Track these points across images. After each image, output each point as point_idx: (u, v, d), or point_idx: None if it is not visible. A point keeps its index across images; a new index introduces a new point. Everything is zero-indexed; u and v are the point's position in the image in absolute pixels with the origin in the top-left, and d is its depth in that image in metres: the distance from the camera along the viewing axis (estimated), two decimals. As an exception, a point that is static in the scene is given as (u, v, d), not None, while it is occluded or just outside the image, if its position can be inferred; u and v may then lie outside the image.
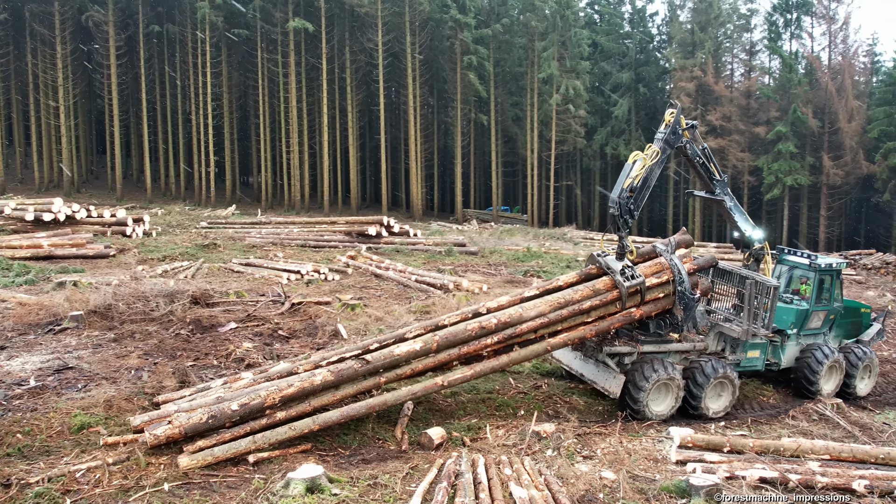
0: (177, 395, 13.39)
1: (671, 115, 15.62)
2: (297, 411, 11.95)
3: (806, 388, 17.73)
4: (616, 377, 15.04)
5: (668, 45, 69.45)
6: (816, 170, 59.14)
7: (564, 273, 32.80)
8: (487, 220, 64.34)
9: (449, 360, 13.34)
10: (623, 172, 14.83)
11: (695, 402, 15.61)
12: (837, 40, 60.29)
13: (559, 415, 15.21)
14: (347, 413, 12.32)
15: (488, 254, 37.44)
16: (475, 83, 62.58)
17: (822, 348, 17.67)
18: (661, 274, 15.28)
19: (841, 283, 18.37)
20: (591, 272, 15.27)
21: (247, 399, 11.57)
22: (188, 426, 11.08)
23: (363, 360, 12.62)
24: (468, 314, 13.95)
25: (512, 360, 14.03)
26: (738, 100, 62.88)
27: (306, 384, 12.11)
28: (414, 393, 13.08)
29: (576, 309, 14.28)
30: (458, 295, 24.58)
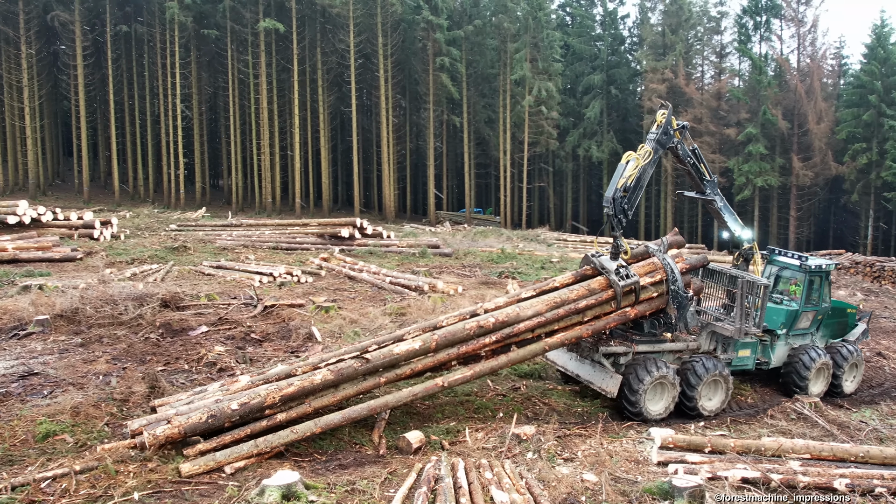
0: (173, 398, 13.23)
1: (663, 115, 15.72)
2: (298, 412, 11.93)
3: (796, 389, 17.83)
4: (613, 377, 15.04)
5: (640, 47, 69.84)
6: (786, 171, 59.68)
7: (539, 274, 32.96)
8: (460, 221, 64.20)
9: (448, 359, 13.38)
10: (617, 172, 14.88)
11: (690, 401, 15.66)
12: (806, 43, 61.02)
13: (539, 416, 15.01)
14: (349, 415, 12.28)
15: (462, 255, 37.23)
16: (448, 84, 62.44)
17: (811, 350, 17.81)
18: (655, 274, 15.37)
19: (829, 283, 18.53)
20: (586, 272, 15.33)
21: (246, 398, 11.52)
22: (187, 426, 10.95)
23: (363, 359, 12.60)
24: (466, 314, 14.03)
25: (510, 360, 14.06)
26: (708, 101, 63.31)
27: (306, 383, 12.05)
28: (415, 394, 13.06)
29: (572, 308, 14.35)
30: (433, 296, 24.33)
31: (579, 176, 74.73)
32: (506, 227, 62.89)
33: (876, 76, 56.07)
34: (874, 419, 17.09)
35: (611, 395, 15.03)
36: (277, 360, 17.18)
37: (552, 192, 74.33)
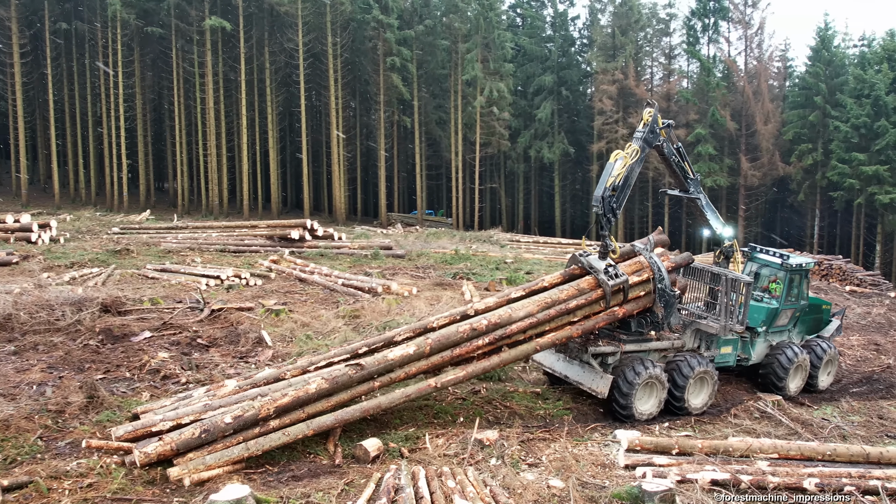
0: (157, 404, 12.94)
1: (649, 114, 15.74)
2: (292, 419, 11.80)
3: (774, 387, 18.04)
4: (603, 377, 14.96)
5: (590, 49, 70.02)
6: (734, 171, 60.34)
7: (494, 275, 32.53)
8: (412, 223, 63.61)
9: (442, 362, 13.30)
10: (605, 171, 14.85)
11: (678, 399, 15.69)
12: (753, 45, 61.75)
13: (500, 420, 14.52)
14: (342, 417, 12.21)
15: (415, 257, 36.65)
16: (398, 85, 61.79)
17: (790, 348, 18.06)
18: (641, 272, 15.39)
19: (808, 281, 18.88)
20: (574, 272, 15.33)
21: (240, 411, 11.32)
22: (180, 442, 10.70)
23: (357, 366, 12.42)
24: (457, 315, 14.03)
25: (503, 361, 14.05)
26: (658, 102, 63.44)
27: (301, 393, 11.91)
28: (408, 395, 12.96)
29: (562, 308, 14.36)
30: (387, 298, 23.73)
31: (531, 177, 74.64)
32: (458, 228, 62.44)
33: (821, 78, 56.98)
34: (835, 416, 17.08)
35: (601, 395, 14.92)
36: (226, 365, 16.40)
37: (504, 193, 74.13)
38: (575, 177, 76.09)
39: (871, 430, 16.43)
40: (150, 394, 14.21)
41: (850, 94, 54.87)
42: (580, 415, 15.54)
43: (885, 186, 51.68)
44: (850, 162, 53.14)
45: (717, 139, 60.30)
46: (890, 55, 54.20)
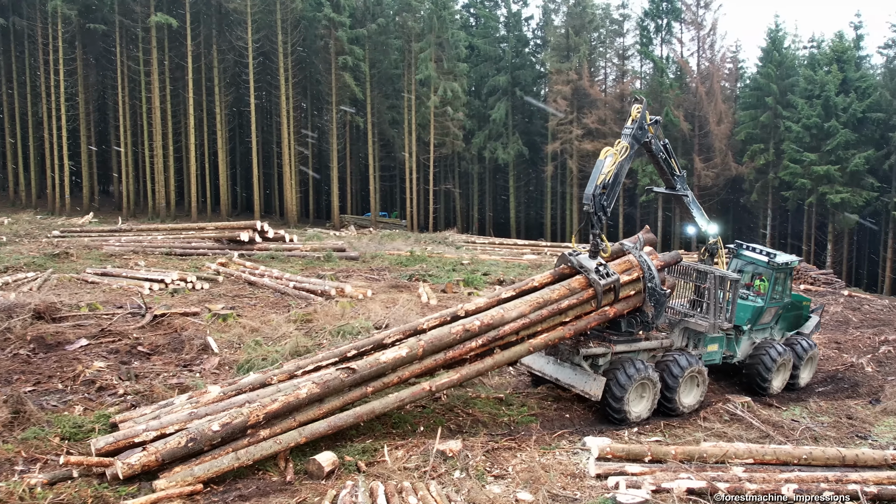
0: (136, 412, 12.43)
1: (637, 111, 15.57)
2: (283, 427, 11.36)
3: (759, 386, 18.04)
4: (596, 379, 14.73)
5: (544, 49, 69.73)
6: (688, 171, 60.45)
7: (451, 276, 31.77)
8: (365, 225, 62.56)
9: (435, 365, 12.97)
10: (595, 169, 14.57)
11: (670, 400, 15.53)
12: (706, 45, 61.94)
13: (463, 429, 13.73)
14: (335, 424, 11.76)
15: (370, 258, 35.75)
16: (351, 84, 60.68)
17: (773, 347, 18.01)
18: (631, 271, 15.20)
19: (792, 279, 19.17)
20: (564, 272, 15.06)
21: (228, 418, 10.83)
22: (166, 452, 10.20)
23: (349, 370, 11.98)
24: (447, 317, 13.72)
25: (496, 363, 13.75)
26: (612, 103, 63.62)
27: (291, 398, 11.45)
28: (402, 400, 12.56)
29: (554, 309, 14.07)
30: (341, 301, 22.81)
31: (485, 178, 74.10)
32: (412, 230, 61.57)
33: (772, 79, 57.35)
34: (805, 417, 16.74)
35: (595, 397, 14.68)
36: (169, 375, 15.33)
37: (458, 194, 73.44)
38: (529, 178, 75.81)
39: (842, 431, 16.07)
40: (84, 407, 13.11)
41: (800, 94, 55.30)
42: (546, 421, 14.84)
43: (836, 186, 52.11)
44: (801, 162, 53.51)
45: (670, 139, 59.98)
46: (839, 56, 54.71)
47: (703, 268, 17.12)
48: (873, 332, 27.66)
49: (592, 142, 61.48)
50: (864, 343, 25.73)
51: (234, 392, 12.46)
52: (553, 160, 66.74)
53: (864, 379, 20.87)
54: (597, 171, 14.48)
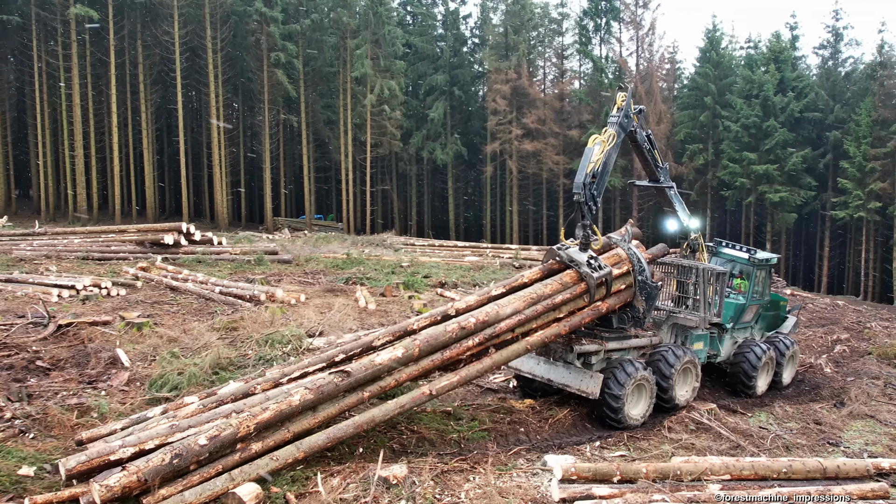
0: (105, 428, 11.17)
1: (622, 98, 15.09)
2: (276, 440, 10.39)
3: (744, 386, 17.72)
4: (593, 377, 14.16)
5: (482, 48, 68.65)
6: (628, 172, 60.01)
7: (389, 279, 30.14)
8: (300, 228, 60.47)
9: (432, 367, 12.21)
10: (584, 157, 14.03)
11: (666, 394, 15.11)
12: (644, 45, 61.69)
13: (408, 450, 12.16)
14: (334, 435, 10.88)
15: (304, 262, 33.90)
16: (284, 82, 58.53)
17: (757, 346, 17.73)
18: (621, 265, 14.80)
19: (771, 276, 19.21)
20: (553, 267, 14.52)
21: (216, 430, 9.83)
22: (148, 471, 9.06)
23: (343, 373, 11.14)
24: (437, 317, 13.00)
25: (494, 363, 13.01)
26: (552, 103, 62.87)
27: (283, 406, 10.50)
28: (402, 406, 11.72)
29: (549, 304, 13.50)
30: (271, 307, 20.99)
31: (424, 179, 72.62)
32: (349, 232, 59.71)
33: (710, 78, 57.33)
34: (772, 424, 15.79)
35: (593, 395, 14.08)
36: (68, 393, 13.36)
37: (396, 196, 71.80)
38: (469, 179, 74.61)
39: (812, 438, 15.12)
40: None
41: (739, 94, 55.32)
42: (500, 436, 13.38)
43: (775, 185, 52.23)
44: (740, 161, 53.50)
45: (609, 139, 59.70)
46: (776, 56, 54.94)
47: (686, 263, 16.70)
48: (825, 332, 27.14)
49: (532, 142, 60.61)
50: (818, 343, 25.16)
51: (214, 403, 11.50)
52: (492, 161, 65.67)
53: (824, 380, 20.15)
54: (586, 159, 13.88)
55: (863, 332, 27.80)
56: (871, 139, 49.52)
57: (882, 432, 15.86)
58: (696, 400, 16.35)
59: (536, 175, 64.59)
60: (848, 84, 57.79)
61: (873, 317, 34.14)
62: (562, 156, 61.09)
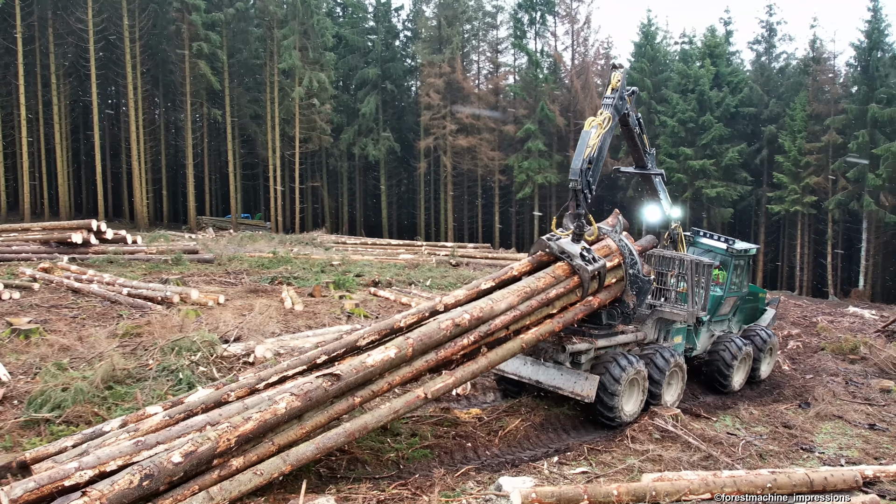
0: (54, 446, 9.47)
1: (618, 79, 14.30)
2: (259, 453, 9.08)
3: (720, 382, 17.14)
4: (588, 378, 13.36)
5: (415, 42, 66.89)
6: (564, 168, 59.05)
7: (319, 278, 28.10)
8: (226, 228, 57.62)
9: (426, 368, 11.19)
10: (581, 141, 13.26)
11: (655, 396, 14.40)
12: (580, 39, 60.86)
13: (337, 474, 10.33)
14: (324, 445, 9.66)
15: (226, 261, 31.57)
16: (207, 74, 55.67)
17: (733, 341, 17.18)
18: (612, 257, 14.00)
19: (750, 268, 18.51)
20: (542, 259, 13.58)
21: (192, 445, 8.48)
22: (114, 496, 7.67)
23: (332, 377, 9.93)
24: (425, 313, 11.91)
25: (490, 363, 12.02)
26: (487, 98, 61.52)
27: (268, 415, 9.23)
28: (396, 411, 10.71)
29: (543, 299, 12.70)
30: (184, 309, 18.79)
31: (356, 176, 70.46)
32: (277, 231, 57.18)
33: (646, 73, 56.80)
34: (740, 429, 14.60)
35: (588, 398, 13.29)
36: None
37: (327, 193, 69.47)
38: (402, 176, 72.75)
39: (784, 444, 13.93)
40: None
41: (674, 89, 54.88)
42: (445, 454, 11.67)
43: (712, 180, 51.92)
44: (677, 156, 53.02)
45: (546, 135, 58.82)
46: (711, 51, 54.70)
47: (667, 254, 15.99)
48: (774, 328, 26.25)
49: (467, 137, 59.16)
50: (771, 340, 24.13)
51: (183, 414, 10.00)
52: (426, 157, 63.99)
53: (784, 379, 19.18)
54: (582, 144, 13.08)
55: (812, 327, 27.05)
56: (805, 134, 49.59)
57: (853, 434, 14.89)
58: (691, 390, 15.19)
59: (471, 171, 63.18)
60: (782, 79, 58.00)
61: (815, 311, 33.66)
62: (497, 151, 59.81)
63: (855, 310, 35.64)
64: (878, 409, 16.76)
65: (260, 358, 14.20)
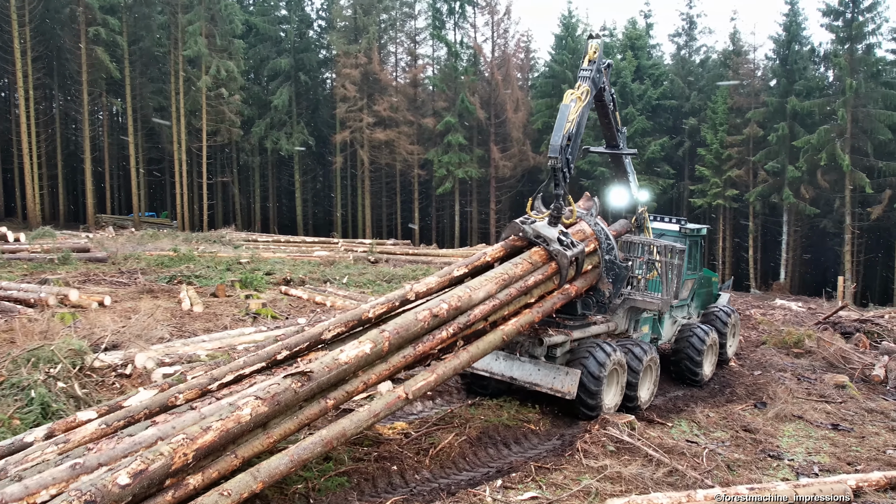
0: None
1: (594, 50, 13.50)
2: (220, 469, 7.58)
3: (690, 372, 16.41)
4: (569, 374, 12.40)
5: (330, 31, 64.33)
6: (485, 162, 57.59)
7: (224, 277, 25.58)
8: (128, 226, 53.91)
9: (403, 364, 10.04)
10: (560, 115, 12.23)
11: (632, 391, 13.53)
12: (500, 30, 59.39)
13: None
14: (300, 457, 8.19)
15: (122, 260, 28.82)
16: (105, 61, 51.83)
17: (698, 328, 16.53)
18: (587, 243, 13.13)
19: (702, 248, 17.74)
20: (515, 243, 12.67)
21: (142, 463, 6.83)
22: None
23: (303, 376, 8.56)
24: (395, 302, 10.87)
25: (472, 357, 10.90)
26: (405, 90, 59.52)
27: (231, 423, 7.70)
28: (376, 414, 9.38)
29: (522, 287, 11.82)
30: (60, 313, 16.18)
31: (268, 172, 67.38)
32: (184, 229, 53.79)
33: (567, 66, 55.80)
34: (699, 435, 13.12)
35: (569, 395, 12.36)
36: None
37: (238, 190, 66.20)
38: (317, 171, 70.00)
39: (749, 451, 12.54)
40: None
41: (596, 81, 53.92)
42: (366, 481, 9.70)
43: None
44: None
45: (466, 128, 57.22)
46: (633, 44, 54.10)
47: (643, 239, 15.04)
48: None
49: (385, 131, 57.04)
50: (710, 335, 22.93)
51: (123, 421, 8.51)
52: (342, 151, 61.50)
53: (732, 376, 17.86)
54: (562, 119, 12.02)
55: (747, 320, 26.00)
56: (727, 126, 49.30)
57: (818, 436, 13.64)
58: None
59: (390, 166, 61.08)
60: (703, 71, 57.81)
61: (744, 305, 32.88)
62: (416, 145, 57.86)
63: (782, 302, 35.13)
64: (837, 407, 15.59)
65: (140, 369, 11.80)
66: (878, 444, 13.31)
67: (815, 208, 46.99)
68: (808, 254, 52.77)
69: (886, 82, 46.07)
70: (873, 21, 44.80)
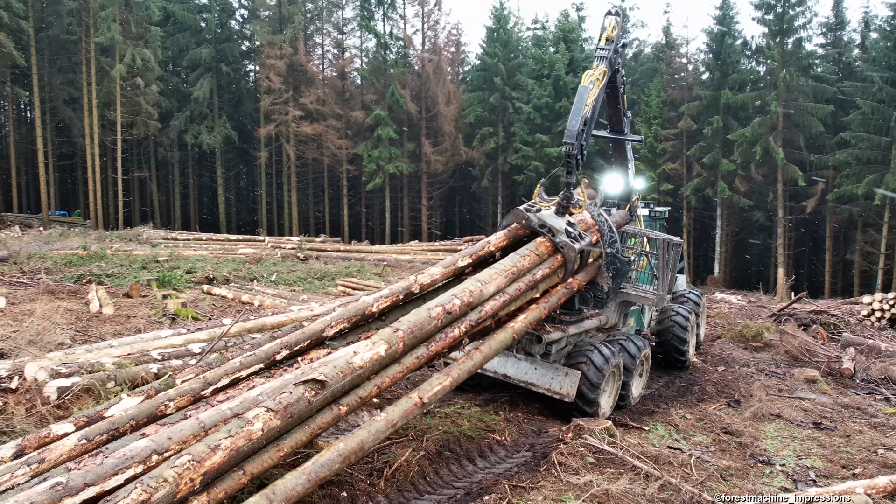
0: None
1: (613, 27, 12.36)
2: (227, 489, 6.37)
3: (678, 355, 15.94)
4: (569, 374, 11.70)
5: (253, 21, 61.79)
6: (416, 157, 56.04)
7: (139, 275, 23.35)
8: (36, 225, 50.49)
9: (418, 365, 8.94)
10: (578, 98, 11.42)
11: (625, 390, 12.92)
12: (430, 22, 57.95)
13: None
14: (318, 476, 6.96)
15: (26, 259, 26.33)
16: (9, 48, 48.14)
17: (677, 312, 15.93)
18: (590, 234, 12.45)
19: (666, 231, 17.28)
20: (517, 232, 11.78)
21: (143, 493, 5.62)
22: None
23: (315, 383, 7.32)
24: (398, 295, 9.90)
25: (485, 357, 9.91)
26: (333, 82, 57.53)
27: (241, 441, 6.49)
28: (393, 423, 8.12)
29: (531, 281, 11.02)
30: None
31: (188, 167, 64.39)
32: (97, 228, 50.66)
33: (499, 58, 54.71)
34: (679, 440, 11.79)
35: (568, 397, 11.62)
36: None
37: (156, 186, 63.04)
38: (240, 168, 67.29)
39: (737, 457, 11.38)
40: None
41: (529, 75, 53.16)
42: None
43: (569, 169, 50.36)
44: (533, 144, 51.26)
45: (397, 122, 55.55)
46: (566, 36, 53.33)
47: (637, 230, 14.33)
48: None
49: (312, 124, 54.94)
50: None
51: (106, 435, 7.12)
52: (267, 146, 59.10)
53: (697, 373, 16.73)
54: (580, 102, 11.24)
55: (697, 314, 25.26)
56: (661, 120, 48.91)
57: (803, 437, 12.61)
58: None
59: (318, 161, 58.97)
60: (636, 65, 57.46)
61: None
62: (345, 139, 55.93)
63: (722, 296, 34.74)
64: (814, 404, 14.60)
65: (30, 381, 9.83)
66: (867, 444, 12.34)
67: (749, 201, 46.97)
68: (740, 248, 52.92)
69: (817, 76, 46.41)
70: (804, 15, 45.05)
